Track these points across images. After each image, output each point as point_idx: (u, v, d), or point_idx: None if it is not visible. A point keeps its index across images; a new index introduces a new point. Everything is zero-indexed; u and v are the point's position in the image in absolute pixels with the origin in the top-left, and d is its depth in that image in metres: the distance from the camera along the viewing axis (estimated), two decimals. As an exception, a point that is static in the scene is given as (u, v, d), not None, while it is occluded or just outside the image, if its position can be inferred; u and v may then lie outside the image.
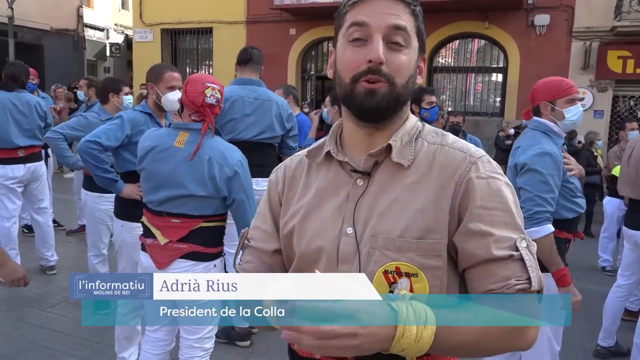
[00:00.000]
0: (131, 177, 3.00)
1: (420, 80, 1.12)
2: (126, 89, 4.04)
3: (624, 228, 3.91)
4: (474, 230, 1.01)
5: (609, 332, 3.87)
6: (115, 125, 2.96)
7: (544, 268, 2.41)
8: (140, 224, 2.92)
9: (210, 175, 2.38)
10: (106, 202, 3.82)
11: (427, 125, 1.16)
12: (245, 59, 3.63)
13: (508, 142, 9.62)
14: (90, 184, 3.75)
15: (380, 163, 1.10)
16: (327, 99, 4.80)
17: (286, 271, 1.21)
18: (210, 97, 2.39)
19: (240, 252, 1.27)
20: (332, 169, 1.15)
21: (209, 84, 2.41)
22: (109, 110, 3.98)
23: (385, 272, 1.03)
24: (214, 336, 2.62)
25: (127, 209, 3.06)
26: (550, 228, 2.42)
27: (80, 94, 6.11)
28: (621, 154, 5.85)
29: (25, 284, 2.43)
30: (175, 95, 2.95)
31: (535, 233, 2.42)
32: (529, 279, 0.99)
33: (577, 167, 2.60)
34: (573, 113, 2.55)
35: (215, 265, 2.46)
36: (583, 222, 6.93)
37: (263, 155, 3.61)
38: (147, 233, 2.51)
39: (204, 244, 2.41)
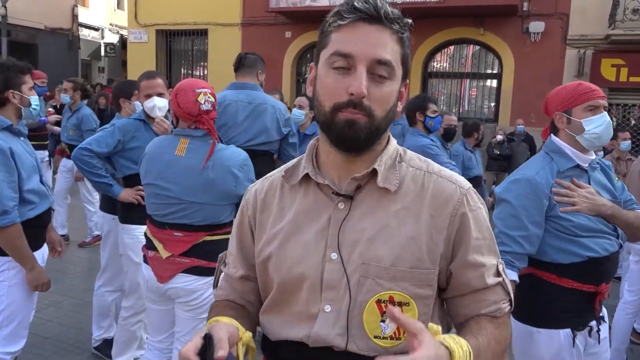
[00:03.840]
0: (131, 180, 3.04)
1: (401, 107, 1.09)
2: None
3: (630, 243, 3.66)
4: (471, 262, 1.07)
5: (619, 352, 3.66)
6: (106, 132, 3.03)
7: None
8: (138, 226, 2.97)
9: (213, 178, 2.30)
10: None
11: (408, 150, 1.15)
12: (236, 65, 3.58)
13: (496, 151, 9.65)
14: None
15: (363, 187, 1.07)
16: (304, 99, 4.62)
17: (260, 298, 1.18)
18: (205, 103, 2.29)
19: (220, 275, 1.26)
20: (310, 191, 1.11)
21: (199, 90, 2.30)
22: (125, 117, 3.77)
23: (379, 301, 1.02)
24: None
25: (125, 212, 3.08)
26: (510, 275, 1.83)
27: (65, 97, 5.89)
28: (613, 163, 5.86)
29: (46, 289, 2.57)
30: (150, 102, 2.97)
31: None
32: (510, 299, 1.12)
33: (588, 202, 1.95)
34: (596, 124, 1.97)
35: None
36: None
37: (257, 163, 3.47)
38: (149, 245, 2.44)
39: (208, 258, 2.31)
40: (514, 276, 1.94)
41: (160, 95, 3.02)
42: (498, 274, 1.10)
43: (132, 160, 3.01)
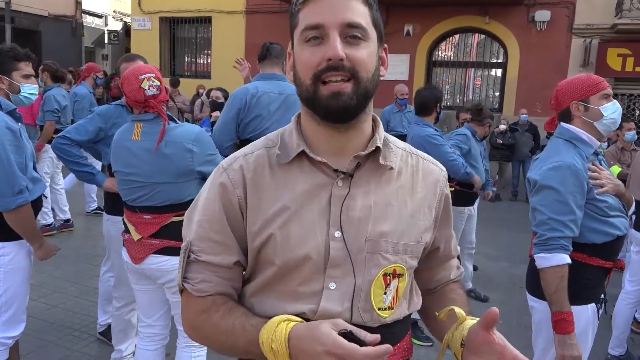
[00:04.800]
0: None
1: (384, 72, 1.09)
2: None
3: (632, 231, 3.69)
4: (450, 235, 1.24)
5: (620, 341, 3.72)
6: (86, 120, 3.00)
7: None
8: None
9: (169, 157, 2.35)
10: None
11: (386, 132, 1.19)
12: (263, 55, 3.56)
13: (499, 140, 9.62)
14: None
15: (362, 165, 1.07)
16: None
17: (242, 283, 1.13)
18: (149, 88, 2.34)
19: (185, 268, 1.10)
20: (304, 169, 1.07)
21: (142, 76, 2.35)
22: None
23: (385, 275, 1.07)
24: None
25: (112, 203, 3.02)
26: (563, 259, 2.04)
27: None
28: (617, 153, 5.84)
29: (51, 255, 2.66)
30: None
31: (542, 260, 2.08)
32: (460, 262, 1.31)
33: (612, 183, 2.15)
34: (611, 110, 2.15)
35: None
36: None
37: None
38: (125, 228, 2.54)
39: (177, 239, 2.37)
40: (568, 259, 2.07)
41: None
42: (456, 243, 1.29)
43: None
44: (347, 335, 0.91)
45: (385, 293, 1.06)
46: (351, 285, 1.04)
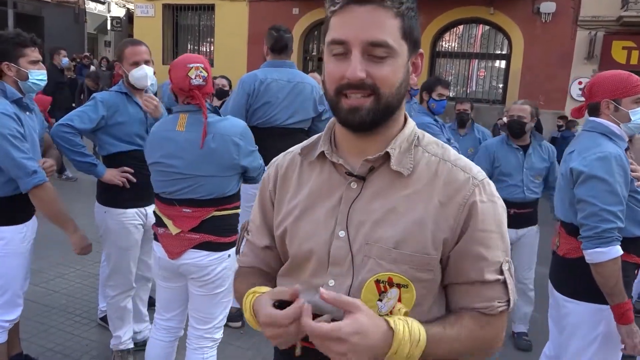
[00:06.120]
0: (113, 159, 2.90)
1: (416, 80, 1.08)
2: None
3: None
4: (472, 252, 1.05)
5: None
6: (88, 107, 2.83)
7: (592, 297, 2.12)
8: (124, 210, 2.93)
9: (216, 150, 2.29)
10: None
11: (426, 135, 1.14)
12: (276, 43, 3.49)
13: (502, 133, 9.60)
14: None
15: (376, 168, 1.08)
16: (316, 75, 4.53)
17: (281, 264, 1.22)
18: (195, 78, 2.27)
19: (243, 241, 1.34)
20: (325, 169, 1.13)
21: (191, 65, 2.29)
22: None
23: (377, 282, 1.03)
24: (223, 326, 2.59)
25: (111, 195, 2.93)
26: (619, 250, 2.01)
27: None
28: (620, 146, 5.83)
29: (87, 252, 2.69)
30: (141, 70, 2.84)
31: (600, 255, 2.02)
32: (508, 300, 1.08)
33: None
34: (639, 115, 2.15)
35: (229, 255, 2.39)
36: None
37: (295, 140, 3.37)
38: (159, 222, 2.44)
39: (217, 234, 2.34)
40: (620, 251, 2.02)
41: (147, 62, 2.88)
42: (501, 272, 1.07)
43: (115, 137, 2.87)
44: (281, 304, 1.01)
45: (380, 300, 1.03)
46: (347, 285, 1.06)
